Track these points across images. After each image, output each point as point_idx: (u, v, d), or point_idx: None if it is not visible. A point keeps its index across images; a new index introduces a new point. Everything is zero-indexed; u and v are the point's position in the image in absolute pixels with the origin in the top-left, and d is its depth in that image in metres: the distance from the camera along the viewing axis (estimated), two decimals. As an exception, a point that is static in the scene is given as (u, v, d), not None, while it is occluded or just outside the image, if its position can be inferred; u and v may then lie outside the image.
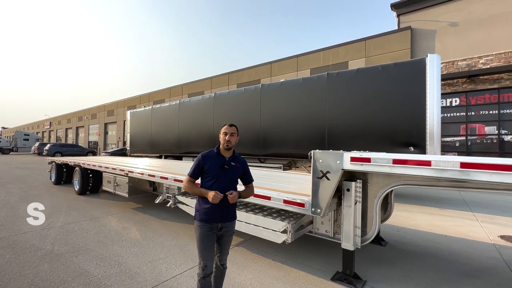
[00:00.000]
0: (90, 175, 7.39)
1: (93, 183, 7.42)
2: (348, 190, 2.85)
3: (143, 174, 5.25)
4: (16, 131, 47.72)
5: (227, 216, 2.19)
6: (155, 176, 4.91)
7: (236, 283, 2.82)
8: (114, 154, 17.97)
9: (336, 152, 2.73)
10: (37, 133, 58.02)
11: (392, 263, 3.37)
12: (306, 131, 7.47)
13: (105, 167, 6.58)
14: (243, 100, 9.07)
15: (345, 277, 2.85)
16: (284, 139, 7.90)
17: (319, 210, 2.72)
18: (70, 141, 46.46)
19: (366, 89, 6.58)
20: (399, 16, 13.87)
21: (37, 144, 32.94)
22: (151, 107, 13.05)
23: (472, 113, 11.71)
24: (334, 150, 2.89)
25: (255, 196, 3.16)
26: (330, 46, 15.99)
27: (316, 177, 2.77)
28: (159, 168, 6.04)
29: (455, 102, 12.05)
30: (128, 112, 14.63)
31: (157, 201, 5.01)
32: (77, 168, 7.60)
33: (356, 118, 6.66)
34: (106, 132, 36.73)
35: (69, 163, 8.54)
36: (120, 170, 5.90)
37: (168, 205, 4.52)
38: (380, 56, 13.96)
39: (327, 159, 2.72)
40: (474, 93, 11.62)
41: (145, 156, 12.80)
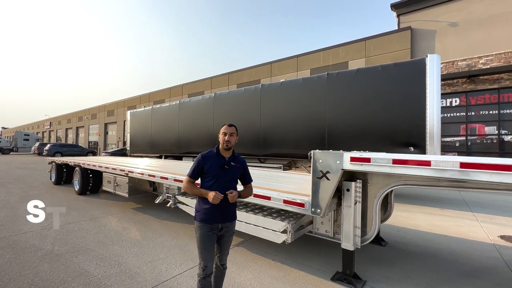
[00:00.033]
0: (90, 175, 7.39)
1: (93, 183, 7.43)
2: (348, 190, 2.85)
3: (143, 174, 5.25)
4: (16, 131, 47.76)
5: (227, 217, 2.19)
6: (155, 176, 4.91)
7: (236, 283, 2.82)
8: (114, 154, 17.97)
9: (336, 152, 2.74)
10: (37, 133, 58.04)
11: (392, 263, 3.37)
12: (306, 131, 7.48)
13: (105, 167, 6.59)
14: (243, 100, 9.07)
15: (345, 277, 2.85)
16: (284, 139, 7.91)
17: (319, 210, 2.72)
18: (70, 141, 46.48)
19: (366, 89, 6.58)
20: (399, 16, 13.87)
21: (37, 144, 32.95)
22: (151, 107, 13.06)
23: (472, 113, 11.71)
24: (334, 150, 2.89)
25: (255, 196, 3.17)
26: (330, 46, 16.00)
27: (316, 177, 2.77)
28: (159, 168, 6.05)
29: (455, 102, 12.05)
30: (128, 112, 14.64)
31: (157, 201, 5.01)
32: (77, 168, 7.61)
33: (356, 118, 6.66)
34: (106, 132, 36.75)
35: (69, 163, 8.55)
36: (120, 170, 5.90)
37: (168, 205, 4.53)
38: (380, 56, 13.97)
39: (327, 159, 2.72)
40: (474, 93, 11.62)
41: (145, 156, 12.80)
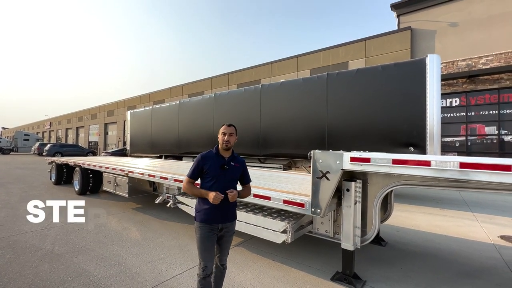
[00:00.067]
0: (90, 175, 7.39)
1: (93, 183, 7.43)
2: (348, 190, 2.85)
3: (143, 174, 5.25)
4: (16, 131, 47.78)
5: (228, 217, 2.19)
6: (155, 176, 4.91)
7: (236, 283, 2.83)
8: (114, 154, 17.96)
9: (335, 152, 2.74)
10: (37, 133, 58.06)
11: (392, 263, 3.37)
12: (306, 131, 7.48)
13: (105, 167, 6.59)
14: (243, 100, 9.07)
15: (345, 277, 2.85)
16: (284, 139, 7.91)
17: (319, 210, 2.72)
18: (70, 141, 46.49)
19: (366, 89, 6.58)
20: (399, 16, 13.87)
21: (37, 144, 32.95)
22: (151, 107, 13.06)
23: (472, 113, 11.71)
24: (334, 150, 2.89)
25: (255, 196, 3.17)
26: (330, 46, 16.00)
27: (316, 177, 2.77)
28: (159, 168, 6.05)
29: (455, 102, 12.05)
30: (128, 112, 14.64)
31: (157, 201, 5.01)
32: (77, 168, 7.61)
33: (356, 118, 6.66)
34: (106, 132, 36.76)
35: (69, 163, 8.55)
36: (120, 170, 5.90)
37: (168, 205, 4.53)
38: (380, 56, 13.97)
39: (327, 159, 2.72)
40: (474, 93, 11.62)
41: (145, 156, 12.80)
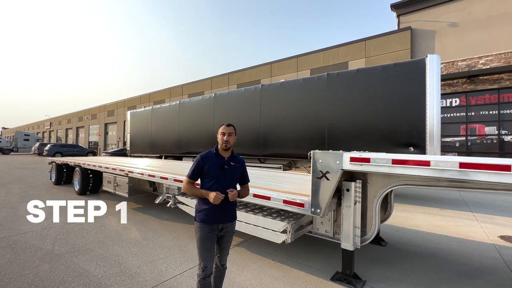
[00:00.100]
0: (90, 175, 7.39)
1: (93, 183, 7.43)
2: (347, 190, 2.85)
3: (143, 174, 5.25)
4: (17, 131, 47.80)
5: (228, 217, 2.19)
6: (155, 176, 4.92)
7: (235, 283, 2.83)
8: (114, 154, 17.97)
9: (335, 152, 2.74)
10: (37, 133, 58.06)
11: (391, 263, 3.37)
12: (306, 131, 7.48)
13: (105, 167, 6.59)
14: (243, 100, 9.07)
15: (344, 277, 2.86)
16: (284, 140, 7.91)
17: (319, 210, 2.72)
18: (70, 141, 46.50)
19: (366, 89, 6.59)
20: (399, 16, 13.88)
21: (37, 144, 32.96)
22: (151, 107, 13.06)
23: (472, 113, 11.71)
24: (333, 150, 2.89)
25: (255, 196, 3.17)
26: (330, 47, 16.00)
27: (315, 177, 2.77)
28: (159, 168, 6.05)
29: (455, 102, 12.06)
30: (128, 113, 14.64)
31: (157, 201, 5.01)
32: (77, 168, 7.61)
33: (356, 119, 6.66)
34: (106, 133, 36.76)
35: (69, 163, 8.55)
36: (120, 170, 5.90)
37: (168, 205, 4.54)
38: (380, 57, 13.97)
39: (327, 159, 2.73)
40: (474, 93, 11.62)
41: (145, 157, 12.80)
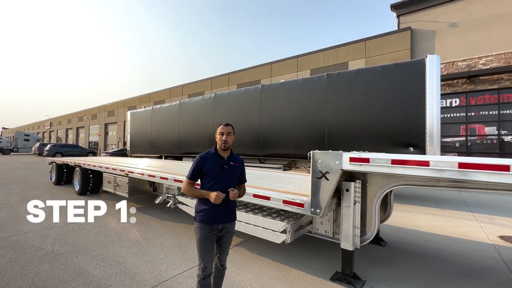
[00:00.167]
0: (91, 175, 7.40)
1: (93, 183, 7.43)
2: (347, 190, 2.85)
3: (143, 175, 5.26)
4: (17, 131, 47.81)
5: (228, 217, 2.19)
6: (155, 177, 4.92)
7: (235, 283, 2.83)
8: (114, 154, 17.97)
9: (335, 153, 2.74)
10: (37, 133, 58.08)
11: (391, 263, 3.37)
12: (306, 131, 7.48)
13: (105, 168, 6.60)
14: (243, 100, 9.08)
15: (344, 277, 2.86)
16: (284, 140, 7.91)
17: (319, 210, 2.72)
18: (70, 141, 46.51)
19: (366, 89, 6.59)
20: (399, 16, 13.88)
21: (37, 144, 32.96)
22: (151, 107, 13.07)
23: (472, 113, 11.72)
24: (333, 151, 2.90)
25: (254, 196, 3.18)
26: (330, 47, 16.02)
27: (315, 177, 2.77)
28: (159, 169, 6.05)
29: (455, 102, 12.06)
30: (128, 113, 14.64)
31: (157, 201, 5.02)
32: (77, 168, 7.62)
33: (356, 119, 6.67)
34: (106, 133, 36.77)
35: (69, 164, 8.56)
36: (120, 170, 5.91)
37: (168, 205, 4.54)
38: (380, 57, 13.97)
39: (327, 159, 2.73)
40: (474, 93, 11.63)
41: (145, 157, 12.80)
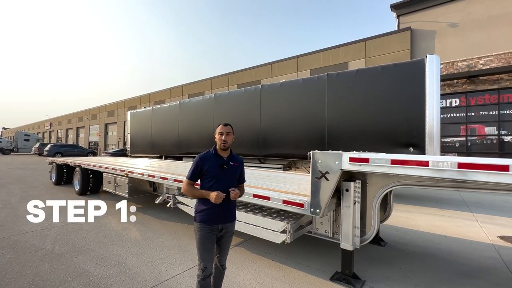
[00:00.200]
0: (91, 175, 7.40)
1: (93, 183, 7.44)
2: (347, 190, 2.86)
3: (143, 175, 5.26)
4: (17, 131, 47.84)
5: (227, 217, 2.19)
6: (155, 177, 4.92)
7: (235, 283, 2.83)
8: (114, 154, 17.97)
9: (335, 153, 2.75)
10: (37, 133, 58.08)
11: (391, 263, 3.38)
12: (306, 131, 7.49)
13: (105, 168, 6.60)
14: (243, 100, 9.09)
15: (344, 277, 2.86)
16: (284, 140, 7.92)
17: (318, 210, 2.73)
18: (70, 141, 46.52)
19: (366, 89, 6.60)
20: (399, 17, 13.89)
21: (37, 144, 32.96)
22: (152, 107, 13.08)
23: (472, 113, 11.72)
24: (333, 151, 2.90)
25: (254, 196, 3.18)
26: (330, 47, 16.02)
27: (315, 177, 2.78)
28: (159, 169, 6.06)
29: (455, 102, 12.06)
30: (128, 113, 14.65)
31: (157, 201, 5.02)
32: (77, 168, 7.62)
33: (356, 119, 6.67)
34: (106, 133, 36.78)
35: (69, 164, 8.56)
36: (120, 170, 5.91)
37: (168, 205, 4.54)
38: (380, 57, 13.97)
39: (326, 159, 2.73)
40: (474, 93, 11.63)
41: (145, 157, 12.81)
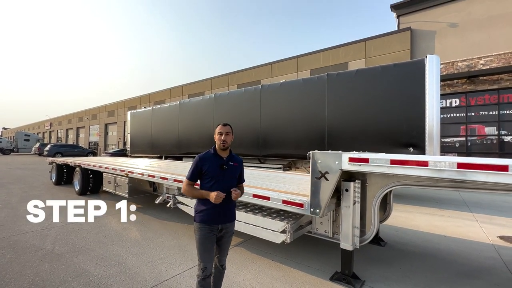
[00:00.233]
0: (91, 175, 7.41)
1: (93, 183, 7.44)
2: (346, 190, 2.86)
3: (143, 175, 5.26)
4: (17, 131, 47.84)
5: (227, 217, 2.19)
6: (155, 177, 4.93)
7: (235, 283, 2.84)
8: (114, 154, 17.98)
9: (334, 153, 2.75)
10: (37, 133, 58.09)
11: (390, 263, 3.38)
12: (306, 131, 7.49)
13: (105, 168, 6.60)
14: (243, 100, 9.09)
15: (343, 277, 2.87)
16: (284, 140, 7.92)
17: (318, 210, 2.73)
18: (70, 141, 46.52)
19: (365, 90, 6.60)
20: (399, 17, 13.89)
21: (37, 144, 32.95)
22: (152, 107, 13.09)
23: (472, 113, 11.72)
24: (333, 151, 2.90)
25: (254, 196, 3.19)
26: (330, 47, 16.02)
27: (315, 177, 2.78)
28: (159, 169, 6.06)
29: (455, 102, 12.06)
30: (128, 113, 14.66)
31: (157, 201, 5.02)
32: (77, 168, 7.62)
33: (355, 119, 6.68)
34: (106, 133, 36.78)
35: (69, 164, 8.56)
36: (120, 170, 5.92)
37: (168, 205, 4.55)
38: (380, 57, 13.97)
39: (326, 159, 2.73)
40: (474, 93, 11.63)
41: (145, 157, 12.82)
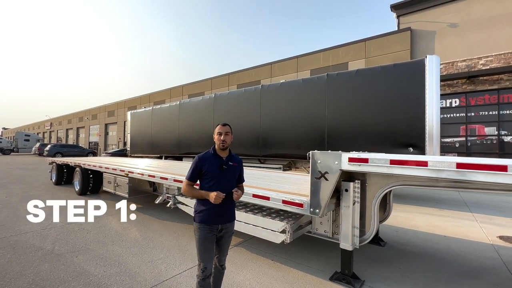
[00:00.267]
0: (91, 175, 7.41)
1: (93, 183, 7.45)
2: (346, 190, 2.86)
3: (143, 175, 5.27)
4: (17, 131, 47.85)
5: (227, 218, 2.20)
6: (155, 177, 4.93)
7: (235, 283, 2.84)
8: (114, 154, 17.99)
9: (334, 153, 2.76)
10: (37, 133, 58.10)
11: (390, 263, 3.38)
12: (306, 131, 7.50)
13: (105, 168, 6.61)
14: (243, 101, 9.10)
15: (343, 277, 2.87)
16: (284, 140, 7.93)
17: (318, 210, 2.73)
18: (70, 141, 46.53)
19: (365, 90, 6.61)
20: (399, 17, 13.90)
21: (37, 144, 32.96)
22: (152, 107, 13.09)
23: (472, 114, 11.72)
24: (332, 151, 2.91)
25: (254, 196, 3.19)
26: (330, 47, 16.03)
27: (314, 177, 2.78)
28: (159, 169, 6.07)
29: (455, 103, 12.06)
30: (128, 113, 14.67)
31: (157, 201, 5.03)
32: (77, 168, 7.63)
33: (355, 119, 6.68)
34: (106, 133, 36.79)
35: (69, 164, 8.57)
36: (120, 170, 5.92)
37: (168, 205, 4.55)
38: (380, 57, 13.98)
39: (326, 159, 2.74)
40: (474, 94, 11.63)
41: (145, 157, 12.82)
